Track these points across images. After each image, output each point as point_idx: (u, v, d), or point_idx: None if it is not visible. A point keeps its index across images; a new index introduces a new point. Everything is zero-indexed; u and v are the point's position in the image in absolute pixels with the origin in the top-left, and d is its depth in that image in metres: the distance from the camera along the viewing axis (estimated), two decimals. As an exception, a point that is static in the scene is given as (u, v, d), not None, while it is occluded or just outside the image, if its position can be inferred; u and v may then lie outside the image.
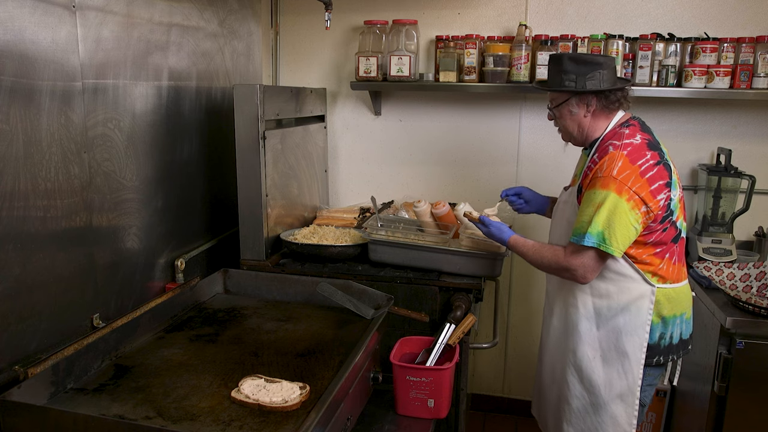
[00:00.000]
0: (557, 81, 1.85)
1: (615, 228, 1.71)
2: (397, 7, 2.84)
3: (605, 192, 1.71)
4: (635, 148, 1.76)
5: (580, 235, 1.75)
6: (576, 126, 1.90)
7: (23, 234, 1.51)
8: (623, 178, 1.71)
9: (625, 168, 1.72)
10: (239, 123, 2.23)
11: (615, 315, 1.85)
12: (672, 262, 1.85)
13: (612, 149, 1.77)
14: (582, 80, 1.81)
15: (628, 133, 1.82)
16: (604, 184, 1.72)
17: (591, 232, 1.72)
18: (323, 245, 2.36)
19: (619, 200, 1.70)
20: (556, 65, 1.86)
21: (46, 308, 1.60)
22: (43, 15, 1.54)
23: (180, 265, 2.19)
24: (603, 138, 1.86)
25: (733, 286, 2.34)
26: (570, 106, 1.87)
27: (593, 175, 1.77)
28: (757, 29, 2.57)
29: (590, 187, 1.77)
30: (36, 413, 1.32)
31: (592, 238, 1.72)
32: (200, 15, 2.34)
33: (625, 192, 1.70)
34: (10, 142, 1.45)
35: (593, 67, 1.81)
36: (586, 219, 1.74)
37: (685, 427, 2.54)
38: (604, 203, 1.71)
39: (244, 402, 1.42)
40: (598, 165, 1.77)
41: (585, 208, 1.76)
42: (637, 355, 1.84)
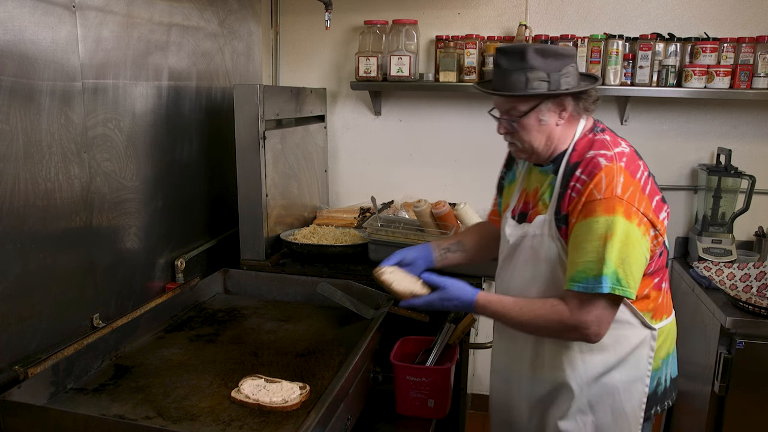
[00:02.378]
0: (520, 82, 1.41)
1: (631, 263, 1.34)
2: (397, 7, 2.84)
3: (611, 218, 1.33)
4: (630, 158, 1.44)
5: (591, 280, 1.34)
6: (544, 138, 1.48)
7: (23, 234, 1.51)
8: (629, 198, 1.35)
9: (628, 184, 1.36)
10: (239, 123, 2.23)
11: (610, 371, 1.51)
12: (666, 292, 1.60)
13: (605, 162, 1.39)
14: (556, 78, 1.40)
15: (611, 140, 1.47)
16: (607, 209, 1.34)
17: (606, 273, 1.32)
18: (323, 245, 2.36)
19: (630, 227, 1.34)
20: (517, 61, 1.40)
21: (46, 308, 1.60)
22: (43, 15, 1.54)
23: (180, 265, 2.19)
24: (576, 150, 1.47)
25: (733, 286, 2.34)
26: (540, 114, 1.44)
27: (586, 198, 1.37)
28: (757, 29, 2.57)
29: (587, 215, 1.37)
30: (36, 413, 1.32)
31: (608, 282, 1.33)
32: (200, 15, 2.34)
33: (635, 215, 1.35)
34: (10, 142, 1.45)
35: (565, 61, 1.41)
36: (594, 257, 1.34)
37: (685, 427, 2.54)
38: (614, 233, 1.33)
39: (244, 402, 1.42)
40: (590, 185, 1.38)
41: (585, 243, 1.36)
42: (637, 414, 1.54)
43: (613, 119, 2.80)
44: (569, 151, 1.48)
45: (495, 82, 1.48)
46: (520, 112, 1.45)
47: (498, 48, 1.47)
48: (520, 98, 1.43)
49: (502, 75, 1.44)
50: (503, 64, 1.44)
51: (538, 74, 1.39)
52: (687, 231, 2.82)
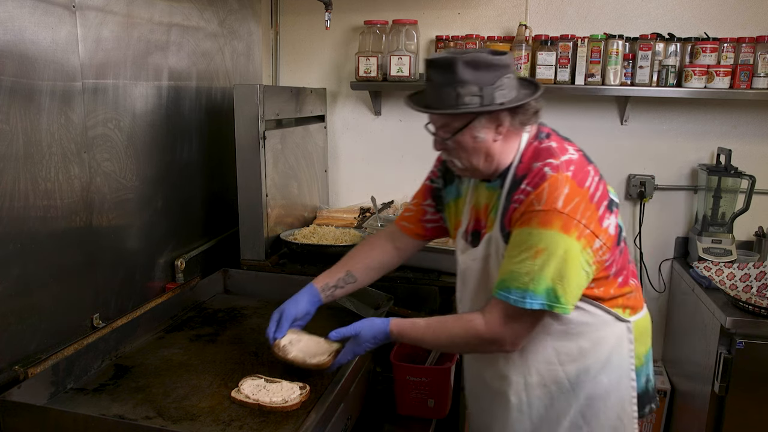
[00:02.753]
0: (451, 98, 1.29)
1: (570, 279, 1.28)
2: (397, 7, 2.84)
3: (549, 233, 1.26)
4: (578, 166, 1.33)
5: (517, 293, 1.28)
6: (482, 156, 1.37)
7: (23, 234, 1.51)
8: (571, 211, 1.27)
9: (573, 195, 1.28)
10: (239, 123, 2.23)
11: (596, 376, 1.44)
12: (638, 288, 1.53)
13: (551, 171, 1.30)
14: (489, 92, 1.28)
15: (558, 147, 1.37)
16: (544, 221, 1.27)
17: (536, 290, 1.26)
18: (323, 245, 2.36)
19: (568, 242, 1.26)
20: (447, 74, 1.28)
21: (46, 308, 1.60)
22: (43, 15, 1.54)
23: (180, 265, 2.19)
24: (522, 162, 1.38)
25: (733, 286, 2.34)
26: (474, 131, 1.33)
27: (526, 208, 1.30)
28: (757, 29, 2.56)
29: (523, 224, 1.30)
30: (36, 413, 1.32)
31: (539, 298, 1.27)
32: (200, 15, 2.34)
33: (575, 228, 1.27)
34: (10, 142, 1.45)
35: (500, 72, 1.29)
36: (525, 269, 1.27)
37: (685, 427, 2.54)
38: (551, 249, 1.26)
39: (244, 402, 1.42)
40: (532, 195, 1.30)
41: (518, 252, 1.29)
42: (630, 414, 1.49)
43: (613, 119, 2.80)
44: (515, 163, 1.39)
45: (427, 96, 1.36)
46: (453, 129, 1.35)
47: (427, 60, 1.34)
48: (452, 115, 1.33)
49: (434, 89, 1.33)
50: (434, 77, 1.32)
51: (470, 89, 1.28)
52: (687, 231, 2.82)
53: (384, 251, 1.71)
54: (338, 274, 1.66)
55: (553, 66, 2.58)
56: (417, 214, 1.70)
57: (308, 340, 1.58)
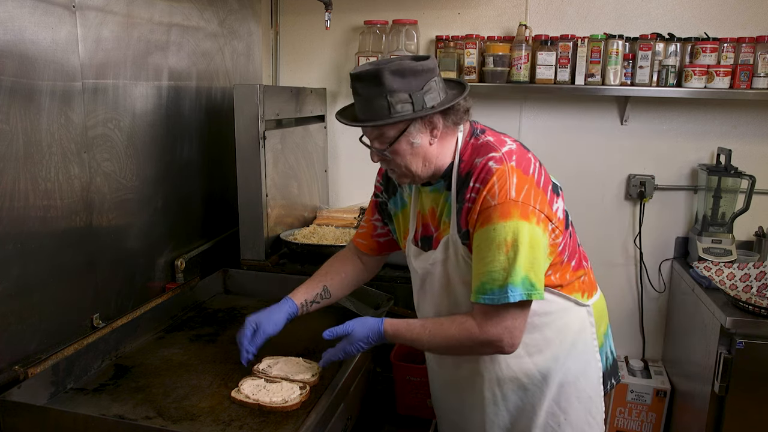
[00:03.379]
0: (383, 108, 1.30)
1: (539, 265, 1.31)
2: (397, 7, 2.84)
3: (511, 223, 1.27)
4: (519, 155, 1.36)
5: (497, 291, 1.28)
6: (421, 160, 1.38)
7: (23, 234, 1.51)
8: (524, 198, 1.29)
9: (522, 183, 1.31)
10: (239, 123, 2.23)
11: (564, 362, 1.47)
12: (589, 269, 1.56)
13: (495, 165, 1.32)
14: (419, 97, 1.30)
15: (495, 140, 1.40)
16: (504, 214, 1.28)
17: (513, 282, 1.27)
18: (323, 245, 2.36)
19: (530, 228, 1.29)
20: (374, 86, 1.29)
21: (46, 308, 1.60)
22: (43, 15, 1.54)
23: (180, 265, 2.19)
24: (463, 160, 1.40)
25: (733, 286, 2.34)
26: (410, 137, 1.34)
27: (481, 206, 1.31)
28: (757, 29, 2.57)
29: (484, 223, 1.30)
30: (36, 413, 1.32)
31: (518, 290, 1.27)
32: (200, 15, 2.34)
33: (532, 214, 1.29)
34: (10, 142, 1.45)
35: (426, 76, 1.31)
36: (499, 266, 1.28)
37: (685, 427, 2.54)
38: (518, 239, 1.27)
39: (244, 402, 1.42)
40: (484, 191, 1.31)
41: (486, 252, 1.29)
42: (599, 393, 1.53)
43: (613, 119, 2.80)
44: (456, 162, 1.40)
45: (358, 110, 1.37)
46: (389, 138, 1.35)
47: (352, 74, 1.34)
48: (386, 125, 1.33)
49: (363, 102, 1.34)
50: (361, 91, 1.33)
51: (400, 96, 1.29)
52: (687, 231, 2.82)
53: (355, 266, 1.73)
54: (316, 290, 1.66)
55: (553, 66, 2.58)
56: (368, 230, 1.71)
57: (286, 361, 1.59)
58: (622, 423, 2.78)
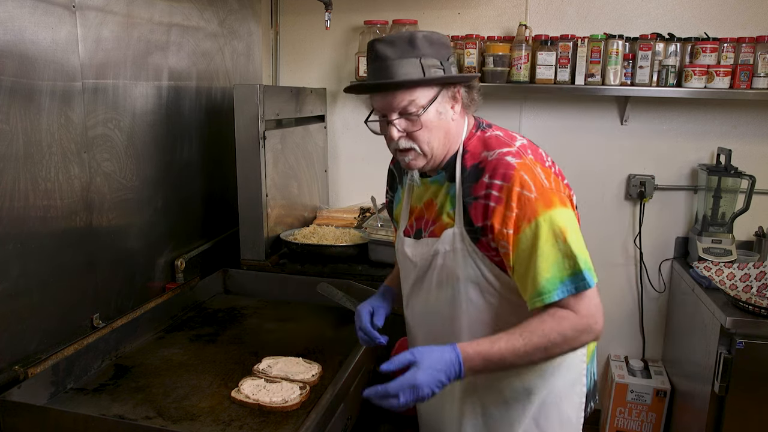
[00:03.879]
0: (417, 69, 1.24)
1: (584, 246, 1.24)
2: (397, 7, 2.84)
3: (556, 211, 1.21)
4: (533, 149, 1.32)
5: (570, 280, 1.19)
6: (443, 135, 1.31)
7: (23, 234, 1.51)
8: (556, 186, 1.26)
9: (548, 174, 1.26)
10: (239, 123, 2.23)
11: (549, 378, 1.37)
12: None
13: (515, 159, 1.25)
14: (448, 66, 1.28)
15: (505, 135, 1.35)
16: (546, 204, 1.21)
17: (585, 267, 1.19)
18: (323, 245, 2.36)
19: (570, 213, 1.24)
20: (407, 48, 1.24)
21: (46, 308, 1.60)
22: (43, 15, 1.54)
23: (180, 265, 2.19)
24: (468, 151, 1.32)
25: (733, 286, 2.34)
26: (439, 106, 1.28)
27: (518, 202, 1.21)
28: (757, 29, 2.56)
29: (530, 218, 1.21)
30: (36, 413, 1.32)
31: (589, 274, 1.20)
32: (200, 15, 2.34)
33: (567, 201, 1.27)
34: (10, 142, 1.45)
35: (450, 50, 1.31)
36: (560, 257, 1.19)
37: (685, 427, 2.54)
38: (568, 224, 1.21)
39: (244, 402, 1.42)
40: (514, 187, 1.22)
41: (543, 246, 1.20)
42: (579, 416, 1.43)
43: (613, 119, 2.80)
44: (460, 153, 1.33)
45: (382, 77, 1.25)
46: (419, 106, 1.25)
47: (377, 39, 1.27)
48: (421, 88, 1.25)
49: (390, 67, 1.24)
50: (390, 54, 1.24)
51: (433, 61, 1.25)
52: (687, 231, 2.82)
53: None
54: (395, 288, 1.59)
55: (553, 66, 2.58)
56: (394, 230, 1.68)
57: (286, 361, 1.59)
58: (622, 423, 2.78)
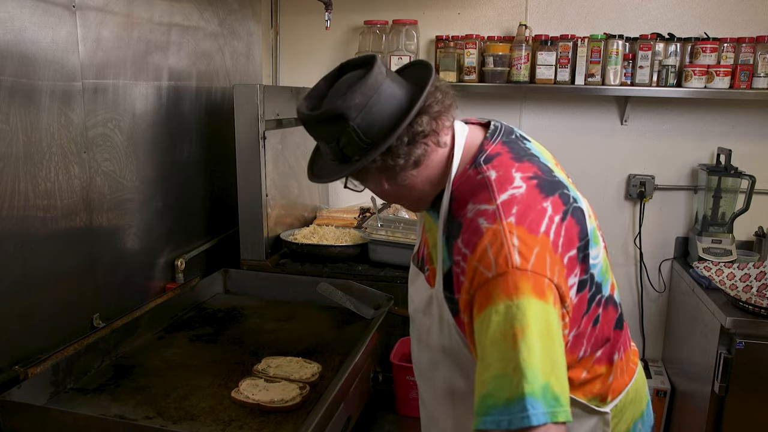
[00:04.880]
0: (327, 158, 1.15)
1: (560, 366, 0.91)
2: (397, 7, 2.84)
3: (520, 302, 0.89)
4: (525, 204, 0.98)
5: (508, 406, 0.87)
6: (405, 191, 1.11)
7: (23, 234, 1.51)
8: (535, 265, 0.92)
9: (529, 245, 0.94)
10: (239, 123, 2.23)
11: None
12: (621, 360, 1.13)
13: (486, 222, 0.96)
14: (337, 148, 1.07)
15: (498, 178, 1.01)
16: (508, 289, 0.90)
17: (531, 391, 0.86)
18: (323, 245, 2.36)
19: (547, 310, 0.91)
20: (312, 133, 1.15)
21: (46, 308, 1.60)
22: (43, 15, 1.54)
23: (180, 265, 2.19)
24: (456, 198, 1.05)
25: (733, 286, 2.34)
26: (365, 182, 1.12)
27: (475, 283, 0.95)
28: (757, 29, 2.57)
29: (482, 306, 0.93)
30: (36, 413, 1.32)
31: (539, 404, 0.86)
32: (200, 15, 2.34)
33: (548, 289, 0.93)
34: (10, 142, 1.45)
35: (336, 127, 1.04)
36: (503, 369, 0.88)
37: (685, 427, 2.54)
38: (531, 325, 0.88)
39: (244, 402, 1.42)
40: (474, 261, 0.95)
41: (488, 348, 0.91)
42: None
43: (613, 119, 2.80)
44: (448, 194, 1.07)
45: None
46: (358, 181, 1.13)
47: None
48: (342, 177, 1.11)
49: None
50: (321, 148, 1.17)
51: (326, 147, 1.12)
52: (687, 231, 2.82)
53: None
54: None
55: (553, 66, 2.58)
56: None
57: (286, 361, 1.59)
58: (622, 423, 2.78)
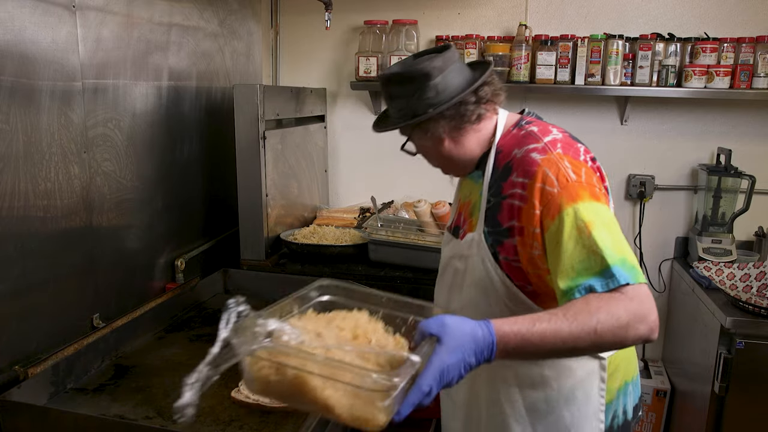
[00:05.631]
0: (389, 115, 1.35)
1: (622, 242, 1.09)
2: (397, 7, 2.84)
3: (582, 204, 1.10)
4: (565, 143, 1.22)
5: (599, 277, 1.04)
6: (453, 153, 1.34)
7: (23, 234, 1.51)
8: (587, 179, 1.15)
9: (577, 166, 1.17)
10: (239, 123, 2.23)
11: (556, 408, 1.29)
12: None
13: (539, 155, 1.18)
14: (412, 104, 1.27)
15: (540, 130, 1.26)
16: (570, 197, 1.11)
17: (613, 262, 1.04)
18: (323, 245, 2.36)
19: (602, 207, 1.12)
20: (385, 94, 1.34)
21: (46, 308, 1.60)
22: (43, 15, 1.54)
23: (180, 265, 2.19)
24: (502, 151, 1.28)
25: (733, 286, 2.34)
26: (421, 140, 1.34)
27: (541, 200, 1.14)
28: (757, 29, 2.56)
29: (554, 214, 1.12)
30: (36, 413, 1.32)
31: (623, 272, 1.03)
32: (200, 15, 2.34)
33: (600, 194, 1.15)
34: (10, 142, 1.45)
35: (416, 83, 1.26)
36: (585, 253, 1.06)
37: (685, 427, 2.54)
38: (596, 219, 1.09)
39: (244, 402, 1.42)
40: (536, 184, 1.16)
41: (568, 241, 1.08)
42: None
43: (613, 119, 2.80)
44: (493, 152, 1.30)
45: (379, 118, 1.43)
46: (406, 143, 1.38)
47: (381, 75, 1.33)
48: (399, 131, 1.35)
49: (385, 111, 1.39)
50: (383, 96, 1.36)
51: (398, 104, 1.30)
52: (687, 231, 2.82)
53: None
54: None
55: (553, 66, 2.58)
56: None
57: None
58: (622, 423, 2.78)
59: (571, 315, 0.99)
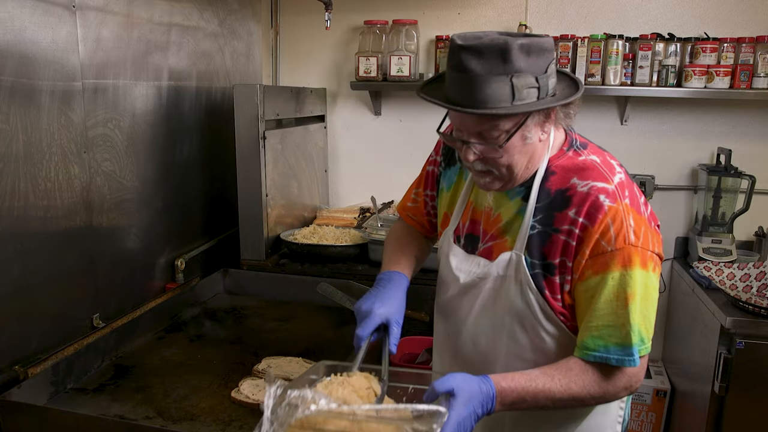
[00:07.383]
0: (504, 93, 1.04)
1: (650, 317, 1.13)
2: (397, 7, 2.84)
3: (632, 273, 1.09)
4: (630, 188, 1.16)
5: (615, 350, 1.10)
6: (526, 159, 1.16)
7: (23, 234, 1.51)
8: (643, 243, 1.11)
9: (639, 225, 1.12)
10: (239, 123, 2.23)
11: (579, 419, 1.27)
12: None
13: (608, 201, 1.11)
14: (544, 82, 1.07)
15: (602, 163, 1.18)
16: (624, 262, 1.10)
17: (633, 341, 1.10)
18: (323, 245, 2.36)
19: (647, 277, 1.11)
20: (497, 63, 1.03)
21: (46, 308, 1.60)
22: (43, 15, 1.54)
23: (180, 265, 2.19)
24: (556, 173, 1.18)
25: (733, 286, 2.34)
26: (525, 130, 1.11)
27: (592, 251, 1.12)
28: (757, 29, 2.56)
29: (598, 270, 1.11)
30: (36, 413, 1.32)
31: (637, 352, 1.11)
32: (200, 15, 2.34)
33: (650, 260, 1.12)
34: (10, 142, 1.45)
35: (549, 56, 1.07)
36: (613, 321, 1.10)
37: (685, 427, 2.54)
38: (634, 291, 1.10)
39: (244, 402, 1.42)
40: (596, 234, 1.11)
41: (600, 303, 1.11)
42: None
43: (613, 119, 2.80)
44: (543, 172, 1.18)
45: (462, 91, 1.06)
46: (503, 130, 1.09)
47: (462, 45, 1.04)
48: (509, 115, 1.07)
49: (475, 85, 1.04)
50: (475, 68, 1.03)
51: (526, 80, 1.04)
52: (687, 231, 2.82)
53: (421, 242, 1.53)
54: (411, 263, 1.44)
55: (553, 66, 2.58)
56: (421, 205, 1.49)
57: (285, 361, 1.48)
58: (622, 423, 2.78)
59: (565, 383, 1.11)
